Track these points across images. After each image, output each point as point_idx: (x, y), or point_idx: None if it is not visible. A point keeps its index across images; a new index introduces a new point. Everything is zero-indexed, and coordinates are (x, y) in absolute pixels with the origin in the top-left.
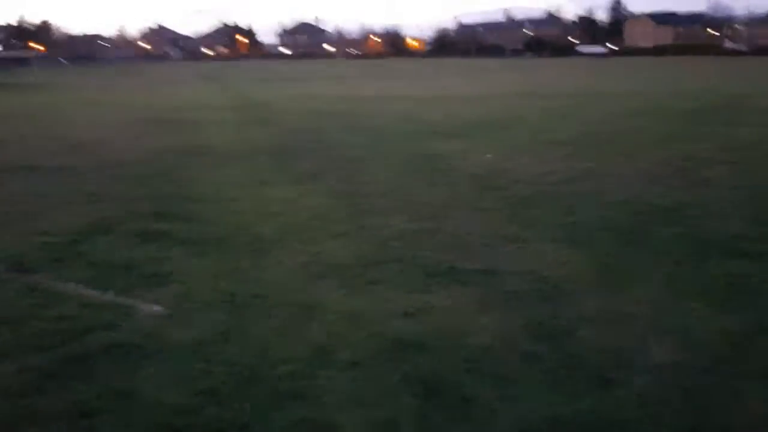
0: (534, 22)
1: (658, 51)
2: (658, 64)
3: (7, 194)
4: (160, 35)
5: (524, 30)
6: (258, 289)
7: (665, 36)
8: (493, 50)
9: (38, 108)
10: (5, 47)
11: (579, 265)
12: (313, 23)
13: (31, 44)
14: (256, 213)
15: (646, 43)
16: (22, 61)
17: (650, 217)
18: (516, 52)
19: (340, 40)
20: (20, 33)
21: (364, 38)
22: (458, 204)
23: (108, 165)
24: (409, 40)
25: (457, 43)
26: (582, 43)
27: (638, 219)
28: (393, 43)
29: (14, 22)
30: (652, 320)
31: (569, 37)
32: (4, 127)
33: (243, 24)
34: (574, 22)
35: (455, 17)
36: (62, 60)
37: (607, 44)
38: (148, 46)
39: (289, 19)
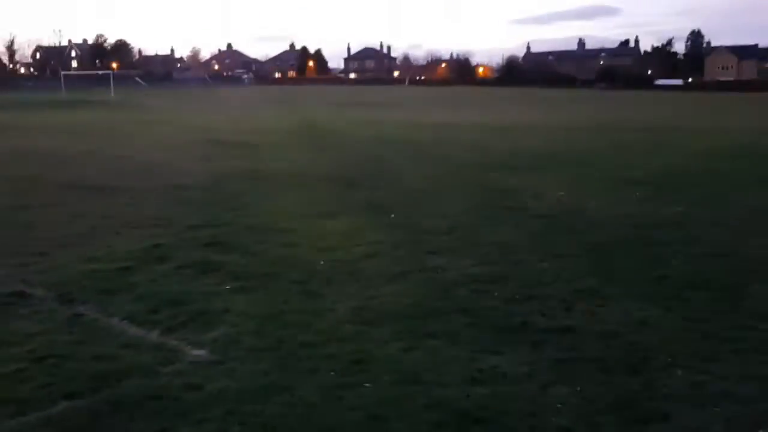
0: (608, 52)
1: (744, 86)
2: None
3: (69, 215)
4: (231, 57)
5: (597, 60)
6: (306, 337)
7: (749, 70)
8: (564, 80)
9: (112, 126)
10: (84, 65)
11: (669, 328)
12: (379, 48)
13: (112, 64)
14: (310, 247)
15: (728, 77)
16: (99, 80)
17: (749, 273)
18: (588, 83)
19: (406, 65)
20: (99, 52)
21: (430, 64)
22: (530, 247)
23: (171, 188)
24: (477, 68)
25: (527, 72)
26: (658, 75)
27: (735, 275)
28: (460, 70)
29: (92, 41)
30: (759, 402)
31: (645, 69)
32: (77, 145)
33: (311, 48)
34: (649, 53)
35: (526, 44)
36: (139, 80)
37: (688, 78)
38: (219, 68)
39: (356, 44)
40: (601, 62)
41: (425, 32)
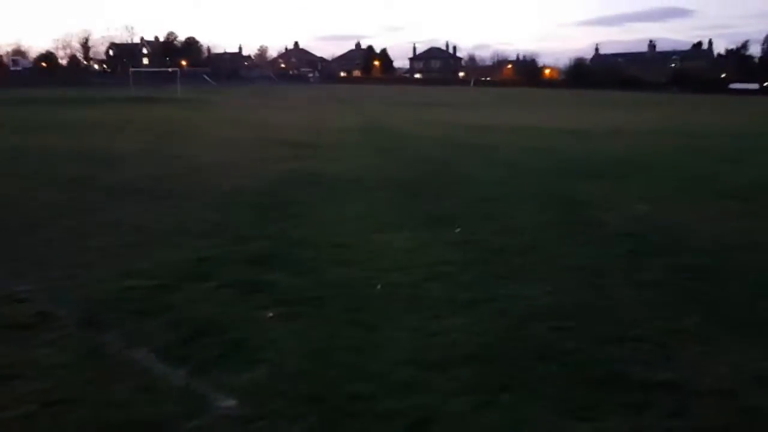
0: (679, 55)
1: None
2: None
3: (113, 222)
4: (297, 56)
5: (668, 63)
6: (358, 386)
7: None
8: (634, 83)
9: (173, 124)
10: (155, 63)
11: None
12: (444, 48)
13: (181, 61)
14: (366, 266)
15: None
16: (167, 77)
17: None
18: (658, 86)
19: (472, 66)
20: (169, 49)
21: (497, 65)
22: (614, 273)
23: (223, 193)
24: (544, 69)
25: (595, 74)
26: (733, 79)
27: None
28: (527, 71)
29: (163, 39)
30: None
31: (718, 72)
32: (134, 144)
33: (377, 47)
34: (723, 56)
35: (594, 46)
36: (207, 77)
37: (765, 82)
38: (286, 66)
39: (422, 44)
40: (673, 65)
41: (492, 32)
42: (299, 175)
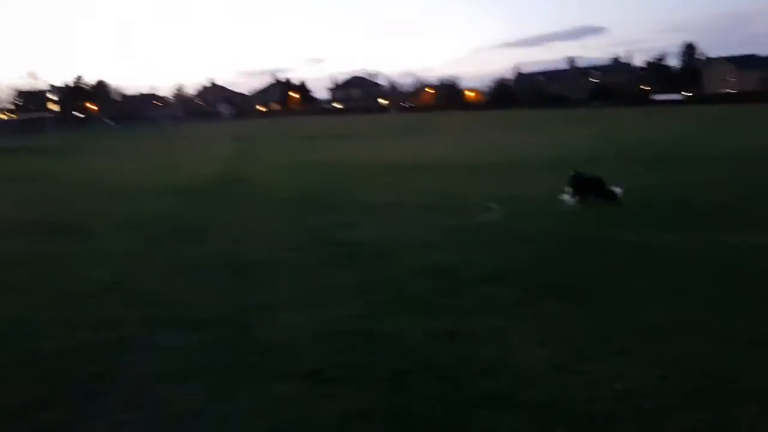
0: (600, 70)
1: (751, 97)
2: None
3: None
4: (213, 93)
5: (589, 78)
6: None
7: (749, 81)
8: (557, 100)
9: None
10: (66, 108)
11: None
12: (366, 76)
13: (89, 105)
14: None
15: (727, 89)
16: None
17: None
18: (581, 102)
19: (393, 92)
20: (77, 93)
21: (418, 90)
22: None
23: None
24: (466, 92)
25: (517, 94)
26: (653, 90)
27: None
28: (449, 95)
29: (73, 83)
30: None
31: (639, 85)
32: None
33: (295, 80)
34: (642, 69)
35: (515, 66)
36: (107, 120)
37: (683, 92)
38: (202, 104)
39: (344, 74)
40: (594, 80)
41: (414, 60)
42: None
